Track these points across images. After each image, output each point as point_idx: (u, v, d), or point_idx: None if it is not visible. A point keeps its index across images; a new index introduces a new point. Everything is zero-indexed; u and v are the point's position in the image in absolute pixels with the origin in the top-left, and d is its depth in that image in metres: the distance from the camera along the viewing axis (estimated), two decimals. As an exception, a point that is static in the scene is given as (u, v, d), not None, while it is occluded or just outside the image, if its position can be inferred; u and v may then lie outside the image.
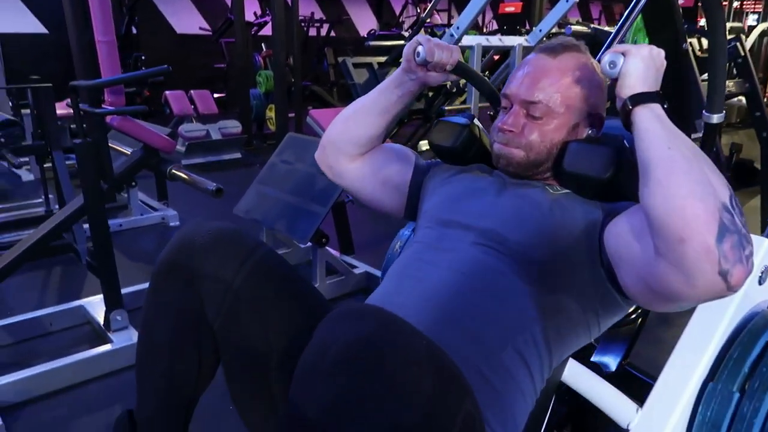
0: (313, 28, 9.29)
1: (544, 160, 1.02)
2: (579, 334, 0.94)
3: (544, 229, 0.93)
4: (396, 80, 1.11)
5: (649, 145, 0.79)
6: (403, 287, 0.95)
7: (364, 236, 3.11)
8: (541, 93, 0.99)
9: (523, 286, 0.90)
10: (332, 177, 1.21)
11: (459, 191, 1.07)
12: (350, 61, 4.35)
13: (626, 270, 0.85)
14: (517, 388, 0.87)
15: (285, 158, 2.70)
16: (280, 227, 2.43)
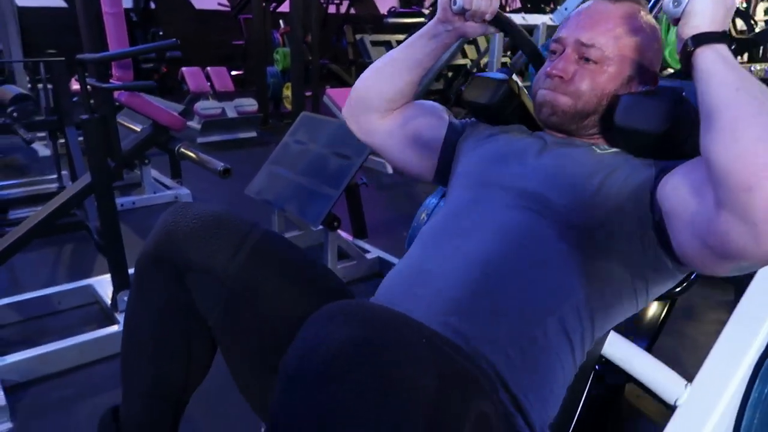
0: (333, 5, 9.15)
1: (591, 111, 0.94)
2: (624, 303, 0.88)
3: (589, 190, 0.87)
4: (430, 31, 1.03)
5: (713, 89, 0.72)
6: (435, 254, 0.89)
7: (377, 220, 3.05)
8: (598, 37, 0.92)
9: (567, 251, 0.83)
10: (360, 135, 1.14)
11: (497, 151, 1.01)
12: (368, 39, 4.25)
13: (682, 230, 0.78)
14: (557, 360, 0.81)
15: (298, 138, 2.63)
16: (292, 209, 2.37)
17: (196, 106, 4.91)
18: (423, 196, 3.79)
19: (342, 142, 2.44)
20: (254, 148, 4.89)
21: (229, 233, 0.88)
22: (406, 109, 1.10)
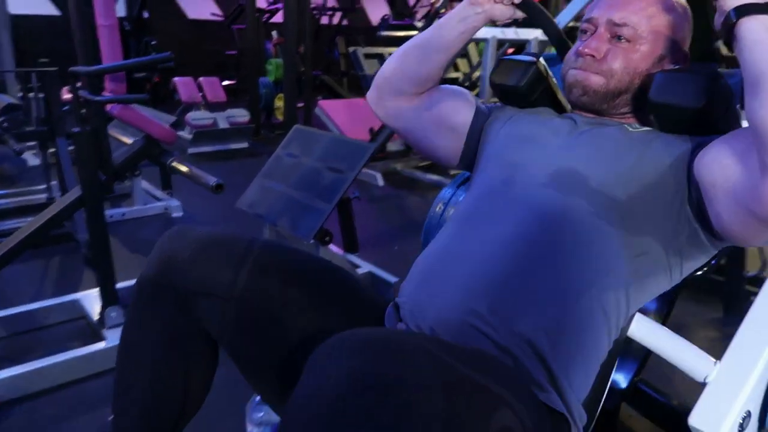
0: (325, 16, 9.18)
1: (624, 90, 0.95)
2: (659, 279, 0.88)
3: (624, 166, 0.87)
4: (459, 14, 1.03)
5: (759, 55, 0.73)
6: (467, 236, 0.89)
7: (368, 234, 3.04)
8: (631, 15, 0.93)
9: (604, 228, 0.84)
10: (386, 118, 1.13)
11: (527, 132, 1.01)
12: (361, 51, 4.26)
13: (723, 200, 0.79)
14: (594, 337, 0.83)
15: (291, 151, 2.62)
16: (284, 223, 2.36)
17: (187, 116, 4.90)
18: (414, 207, 3.80)
19: (335, 156, 2.44)
20: (246, 159, 4.87)
21: (229, 253, 0.88)
22: (433, 92, 1.09)
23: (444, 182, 4.15)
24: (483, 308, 0.79)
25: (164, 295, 0.88)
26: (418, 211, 3.75)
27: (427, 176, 4.35)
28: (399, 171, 4.47)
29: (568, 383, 0.79)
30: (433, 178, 4.28)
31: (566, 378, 0.79)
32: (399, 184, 4.25)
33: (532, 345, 0.78)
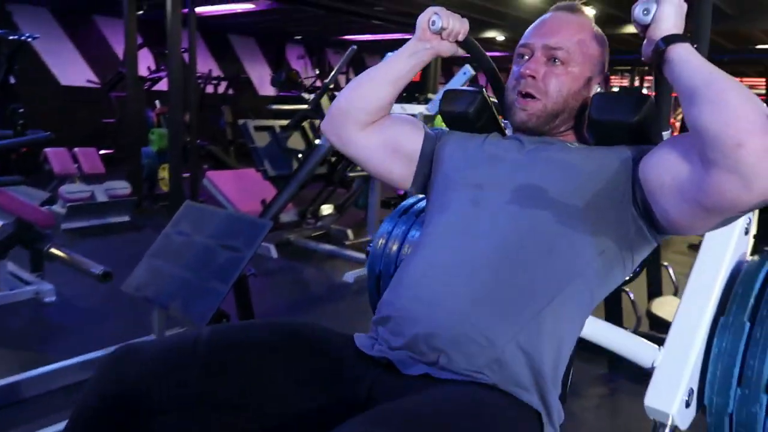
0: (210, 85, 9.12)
1: (560, 110, 1.06)
2: (617, 273, 0.99)
3: (576, 177, 0.98)
4: (409, 50, 1.12)
5: (692, 73, 0.84)
6: (443, 258, 0.97)
7: (265, 311, 2.95)
8: (564, 40, 1.04)
9: (568, 233, 0.94)
10: (340, 146, 1.19)
11: (481, 154, 1.09)
12: (251, 123, 4.25)
13: (671, 196, 0.89)
14: (568, 337, 0.94)
15: (181, 229, 2.51)
16: (176, 307, 2.22)
17: (60, 190, 4.56)
18: (311, 279, 3.76)
19: (230, 234, 2.36)
20: (128, 234, 4.59)
21: (176, 361, 0.87)
22: (385, 120, 1.17)
23: (340, 252, 4.16)
24: (472, 319, 0.89)
25: (112, 419, 0.83)
26: (315, 284, 3.70)
27: (321, 246, 4.34)
28: (293, 242, 4.42)
29: (550, 383, 0.90)
30: (328, 248, 4.28)
31: (547, 378, 0.90)
32: (293, 255, 4.20)
33: (518, 350, 0.88)
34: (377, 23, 8.33)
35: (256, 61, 11.20)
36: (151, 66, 7.53)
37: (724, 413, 1.01)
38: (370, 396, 0.92)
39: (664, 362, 1.05)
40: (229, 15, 8.32)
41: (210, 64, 10.02)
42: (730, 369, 1.00)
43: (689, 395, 1.02)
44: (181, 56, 4.71)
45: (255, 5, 7.63)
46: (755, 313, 1.01)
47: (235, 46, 10.79)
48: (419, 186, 1.19)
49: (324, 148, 3.78)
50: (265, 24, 9.36)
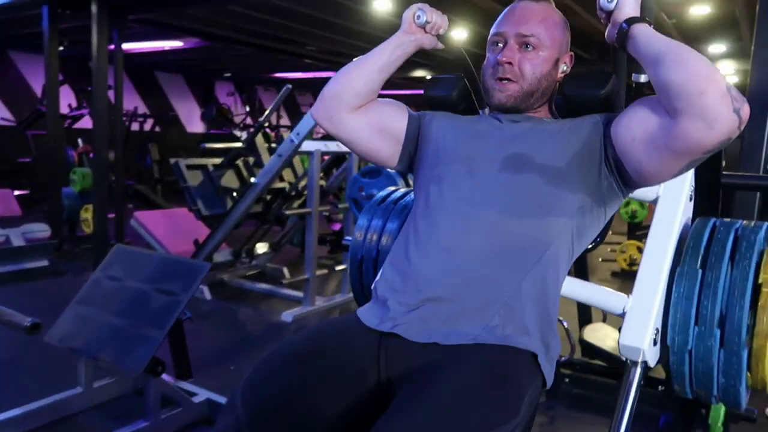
0: (136, 122, 8.86)
1: (535, 90, 1.18)
2: (592, 226, 1.14)
3: (556, 142, 1.11)
4: (396, 41, 1.23)
5: (654, 43, 0.98)
6: (457, 217, 1.09)
7: (200, 355, 2.83)
8: (534, 27, 1.16)
9: (555, 192, 1.08)
10: (331, 128, 1.27)
11: (469, 130, 1.21)
12: (183, 162, 4.14)
13: (642, 148, 1.02)
14: (560, 278, 1.11)
15: (112, 273, 2.40)
16: (107, 356, 2.11)
17: (-29, 235, 4.26)
18: (247, 320, 3.66)
19: (165, 277, 2.28)
20: (47, 280, 4.33)
21: None
22: (372, 104, 1.27)
23: (276, 291, 4.08)
24: (483, 270, 1.04)
25: None
26: (252, 325, 3.61)
27: (257, 285, 4.24)
28: (227, 282, 4.30)
29: (552, 322, 1.06)
30: (264, 287, 4.19)
31: (548, 317, 1.05)
32: (227, 296, 4.08)
33: (524, 294, 1.03)
34: (308, 62, 8.42)
35: (185, 97, 11.01)
36: (72, 103, 7.24)
37: (684, 350, 1.15)
38: (387, 376, 1.01)
39: (633, 307, 1.19)
40: (155, 52, 8.16)
41: (136, 101, 9.76)
42: (688, 310, 1.15)
43: (656, 334, 1.16)
44: (106, 94, 4.56)
45: (183, 43, 7.53)
46: (705, 261, 1.17)
47: (162, 82, 10.58)
48: (405, 164, 1.30)
49: (260, 186, 3.73)
50: (194, 61, 9.24)
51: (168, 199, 7.35)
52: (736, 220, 1.26)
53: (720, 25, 5.82)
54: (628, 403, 1.14)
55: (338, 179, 4.30)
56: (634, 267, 4.91)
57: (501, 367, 0.96)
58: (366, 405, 1.00)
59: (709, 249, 1.18)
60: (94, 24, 4.44)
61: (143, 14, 5.49)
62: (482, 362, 0.96)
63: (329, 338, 1.06)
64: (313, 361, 1.00)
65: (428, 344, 1.00)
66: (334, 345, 1.04)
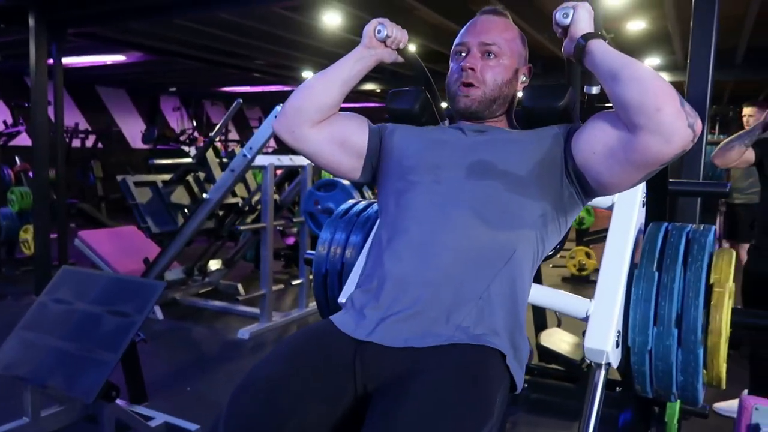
0: (77, 139, 8.55)
1: (497, 96, 1.22)
2: (554, 232, 1.17)
3: (518, 151, 1.15)
4: (356, 56, 1.25)
5: (610, 60, 1.03)
6: (424, 226, 1.11)
7: (155, 377, 2.75)
8: (496, 37, 1.22)
9: (517, 198, 1.12)
10: (293, 142, 1.27)
11: (432, 140, 1.23)
12: (131, 179, 4.02)
13: (603, 161, 1.06)
14: (526, 281, 1.14)
15: (59, 297, 2.30)
16: (56, 383, 2.01)
17: None
18: (201, 339, 3.58)
19: (118, 298, 2.20)
20: (-16, 306, 4.10)
21: None
22: (333, 118, 1.28)
23: (231, 308, 4.00)
24: (453, 276, 1.06)
25: None
26: (207, 344, 3.51)
27: (211, 303, 4.15)
28: (179, 301, 4.18)
29: (520, 324, 1.09)
30: (218, 305, 4.10)
31: (516, 319, 1.08)
32: (181, 315, 3.96)
33: (493, 296, 1.05)
34: (257, 75, 8.34)
35: (128, 113, 10.69)
36: (8, 120, 6.92)
37: (644, 350, 1.19)
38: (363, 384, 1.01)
39: (596, 311, 1.22)
40: (97, 66, 7.90)
41: (77, 117, 9.41)
42: (646, 311, 1.20)
43: (617, 336, 1.20)
44: (46, 110, 4.38)
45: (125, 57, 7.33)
46: (660, 264, 1.22)
47: (103, 98, 10.25)
48: (368, 176, 1.32)
49: (212, 201, 3.66)
50: (137, 75, 8.99)
51: (113, 218, 7.11)
52: (686, 224, 1.32)
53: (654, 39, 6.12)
54: (594, 405, 1.16)
55: (292, 193, 4.26)
56: (584, 272, 5.07)
57: (474, 367, 0.97)
58: (347, 417, 0.99)
59: (664, 252, 1.23)
60: (32, 38, 4.28)
61: (84, 28, 5.31)
62: (455, 364, 0.97)
63: (303, 354, 1.04)
64: (291, 383, 0.97)
65: (404, 348, 1.01)
66: (309, 360, 1.02)
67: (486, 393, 0.94)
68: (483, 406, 0.91)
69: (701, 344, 1.15)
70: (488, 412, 0.91)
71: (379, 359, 1.01)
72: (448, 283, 1.06)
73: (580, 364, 2.57)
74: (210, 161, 4.14)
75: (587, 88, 1.56)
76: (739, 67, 6.47)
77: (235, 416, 0.94)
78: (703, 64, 2.46)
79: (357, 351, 1.03)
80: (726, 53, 6.04)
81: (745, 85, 8.36)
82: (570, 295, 1.28)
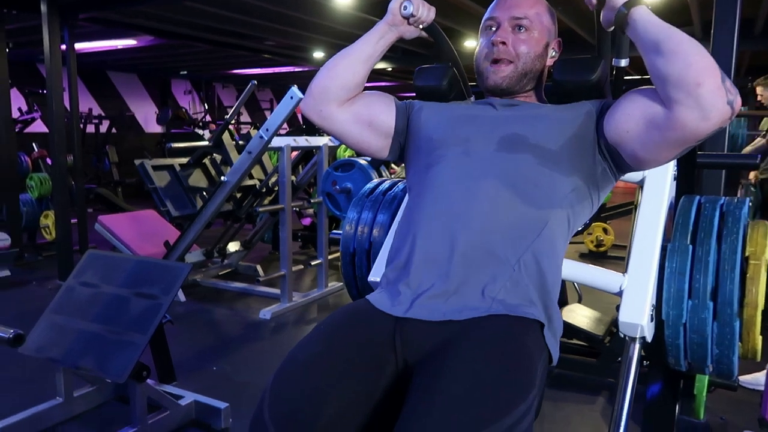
0: (91, 124, 8.59)
1: (529, 70, 1.21)
2: (586, 206, 1.17)
3: (549, 126, 1.14)
4: (379, 32, 1.24)
5: (654, 29, 1.00)
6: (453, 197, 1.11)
7: (181, 357, 2.79)
8: (525, 11, 1.21)
9: (547, 172, 1.11)
10: (320, 122, 1.27)
11: (461, 115, 1.23)
12: (149, 163, 4.04)
13: (637, 139, 1.05)
14: (559, 253, 1.12)
15: (87, 280, 2.33)
16: (88, 365, 2.05)
17: (-76, 248, 4.06)
18: (224, 320, 3.61)
19: (145, 281, 2.22)
20: (10, 290, 4.17)
21: None
22: (359, 97, 1.28)
23: (251, 289, 4.04)
24: (486, 246, 1.06)
25: None
26: (230, 324, 3.56)
27: (231, 285, 4.19)
28: (200, 283, 4.23)
29: (553, 296, 1.08)
30: (238, 286, 4.14)
31: (549, 291, 1.07)
32: (202, 297, 4.01)
33: (526, 267, 1.05)
34: (267, 57, 8.29)
35: (140, 97, 10.70)
36: (23, 107, 6.96)
37: (679, 323, 1.20)
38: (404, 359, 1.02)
39: (629, 285, 1.22)
40: (108, 51, 7.90)
41: (90, 103, 9.44)
42: (681, 285, 1.20)
43: (653, 310, 1.20)
44: (62, 96, 4.40)
45: (136, 41, 7.31)
46: (694, 237, 1.22)
47: (115, 83, 10.25)
48: (396, 154, 1.32)
49: (230, 184, 3.67)
50: (148, 59, 8.97)
51: (129, 202, 7.16)
52: (719, 196, 1.31)
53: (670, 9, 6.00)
54: (629, 378, 1.17)
55: (308, 174, 4.27)
56: (601, 248, 5.05)
57: (513, 338, 0.98)
58: (388, 395, 1.00)
59: (698, 225, 1.23)
60: (45, 24, 4.28)
61: (94, 12, 5.30)
62: (494, 335, 0.97)
63: (341, 335, 1.04)
64: (330, 365, 0.98)
65: (443, 322, 1.02)
66: (348, 340, 1.03)
67: (527, 363, 0.94)
68: (524, 377, 0.92)
69: (737, 317, 1.15)
70: (530, 383, 0.91)
71: (418, 334, 1.02)
72: (481, 258, 1.06)
73: (602, 339, 2.58)
74: (226, 144, 4.15)
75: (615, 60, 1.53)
76: (758, 37, 6.34)
77: (277, 399, 0.95)
78: (727, 34, 2.40)
79: (396, 327, 1.04)
80: (744, 24, 5.91)
81: (764, 57, 8.19)
82: (603, 270, 1.28)
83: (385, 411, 0.98)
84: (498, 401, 0.86)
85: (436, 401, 0.86)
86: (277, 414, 0.93)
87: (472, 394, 0.86)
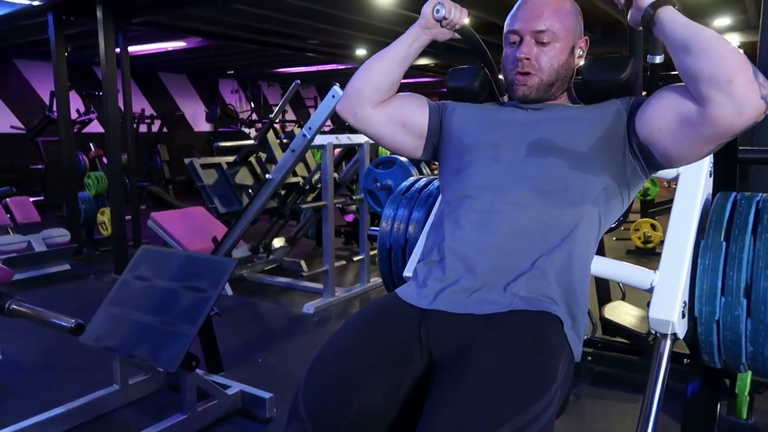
0: (144, 124, 8.92)
1: (554, 80, 1.21)
2: (617, 205, 1.18)
3: (580, 128, 1.15)
4: (413, 35, 1.28)
5: (682, 29, 1.00)
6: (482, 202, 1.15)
7: (228, 349, 2.90)
8: (546, 22, 1.19)
9: (578, 174, 1.13)
10: (355, 123, 1.32)
11: (491, 119, 1.26)
12: (197, 162, 4.20)
13: (669, 136, 1.06)
14: (588, 254, 1.14)
15: (140, 274, 2.45)
16: (142, 354, 2.17)
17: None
18: (269, 314, 3.72)
19: (193, 275, 2.33)
20: (69, 284, 4.40)
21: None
22: (394, 99, 1.32)
23: (295, 284, 4.14)
24: (511, 248, 1.09)
25: None
26: (273, 318, 3.67)
27: (276, 280, 4.30)
28: (246, 277, 4.36)
29: (580, 297, 1.10)
30: (282, 281, 4.25)
31: (576, 292, 1.09)
32: (248, 291, 4.14)
33: (549, 268, 1.07)
34: (311, 55, 8.42)
35: (189, 97, 11.03)
36: (80, 108, 7.30)
37: (712, 320, 1.20)
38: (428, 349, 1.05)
39: (661, 281, 1.23)
40: (159, 53, 8.19)
41: (142, 103, 9.80)
42: (714, 282, 1.19)
43: (683, 307, 1.20)
44: (117, 98, 4.61)
45: (186, 43, 7.56)
46: (728, 234, 1.22)
47: (166, 83, 10.61)
48: (429, 154, 1.36)
49: (275, 181, 3.78)
50: (197, 60, 9.25)
51: (180, 199, 7.42)
52: (756, 193, 1.30)
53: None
54: (660, 375, 1.18)
55: (351, 171, 4.33)
56: (649, 245, 4.94)
57: (533, 333, 1.00)
58: (414, 384, 1.04)
59: (732, 222, 1.22)
60: (101, 29, 4.48)
61: (146, 16, 5.51)
62: (515, 330, 1.00)
63: (369, 327, 1.09)
64: (358, 356, 1.03)
65: (465, 315, 1.05)
66: (375, 332, 1.07)
67: (547, 358, 0.97)
68: (545, 371, 0.94)
69: (772, 314, 1.14)
70: (551, 377, 0.94)
71: (442, 325, 1.06)
72: (505, 255, 1.09)
73: (645, 337, 2.55)
74: (270, 142, 4.26)
75: (650, 57, 1.52)
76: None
77: (310, 389, 1.01)
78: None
79: (422, 318, 1.08)
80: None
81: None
82: (634, 266, 1.29)
83: (410, 401, 1.02)
84: (518, 396, 0.89)
85: (458, 397, 0.89)
86: (310, 404, 0.98)
87: (493, 390, 0.89)
